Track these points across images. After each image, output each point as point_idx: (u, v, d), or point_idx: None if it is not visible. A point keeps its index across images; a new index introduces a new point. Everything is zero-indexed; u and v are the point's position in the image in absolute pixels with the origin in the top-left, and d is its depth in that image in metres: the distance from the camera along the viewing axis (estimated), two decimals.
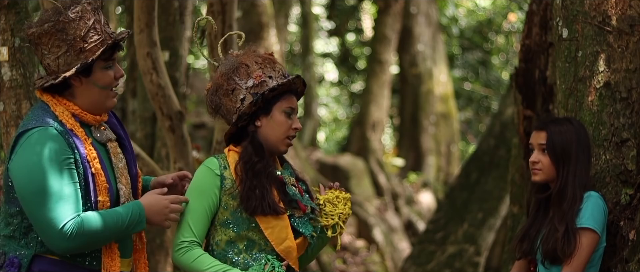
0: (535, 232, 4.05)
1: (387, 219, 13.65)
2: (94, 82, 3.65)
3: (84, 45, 3.59)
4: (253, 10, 12.27)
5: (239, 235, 3.75)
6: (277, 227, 3.75)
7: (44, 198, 3.48)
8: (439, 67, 15.80)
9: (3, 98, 4.57)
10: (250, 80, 3.77)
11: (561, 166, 3.97)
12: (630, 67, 4.16)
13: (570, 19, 4.25)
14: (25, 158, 3.53)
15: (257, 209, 3.72)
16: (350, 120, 18.87)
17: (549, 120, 4.19)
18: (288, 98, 3.82)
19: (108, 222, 3.56)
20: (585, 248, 3.90)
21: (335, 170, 13.95)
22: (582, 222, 3.91)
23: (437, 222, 9.67)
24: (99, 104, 3.69)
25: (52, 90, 3.66)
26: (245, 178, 3.74)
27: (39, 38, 3.60)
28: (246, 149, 3.78)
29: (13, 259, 3.59)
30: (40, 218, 3.49)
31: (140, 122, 7.92)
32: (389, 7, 15.34)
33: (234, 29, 5.47)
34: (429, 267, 9.14)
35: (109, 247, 3.66)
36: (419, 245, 9.76)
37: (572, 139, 3.99)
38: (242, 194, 3.73)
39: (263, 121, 3.80)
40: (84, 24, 3.59)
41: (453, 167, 15.44)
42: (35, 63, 4.62)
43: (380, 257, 12.86)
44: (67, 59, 3.59)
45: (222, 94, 3.80)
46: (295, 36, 19.03)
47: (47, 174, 3.49)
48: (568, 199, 3.94)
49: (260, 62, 3.82)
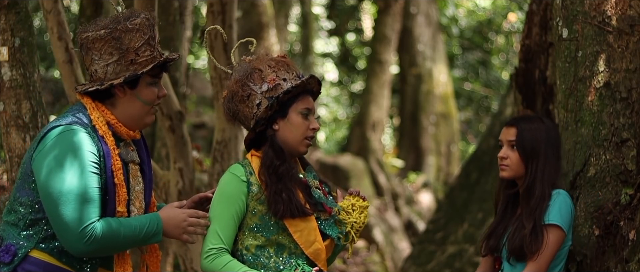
0: (502, 229, 4.08)
1: (387, 219, 13.65)
2: (138, 95, 3.68)
3: (136, 58, 3.63)
4: (253, 10, 12.27)
5: (268, 240, 3.75)
6: (306, 230, 3.76)
7: (68, 198, 3.48)
8: (439, 67, 15.80)
9: (3, 98, 4.57)
10: (264, 84, 3.77)
11: (530, 163, 3.98)
12: (630, 67, 4.16)
13: (570, 19, 4.25)
14: (54, 154, 3.54)
15: (285, 213, 3.72)
16: (350, 120, 18.87)
17: (520, 117, 4.23)
18: (304, 99, 3.81)
19: (126, 230, 3.58)
20: (551, 245, 3.92)
21: (335, 170, 13.95)
22: (549, 218, 3.94)
23: (437, 222, 9.67)
24: (138, 119, 3.71)
25: (93, 96, 3.67)
26: (270, 183, 3.74)
27: (92, 42, 3.62)
28: (267, 153, 3.77)
29: (10, 246, 3.58)
30: (61, 217, 3.49)
31: None
32: (389, 7, 15.34)
33: (234, 29, 5.47)
34: (429, 267, 9.13)
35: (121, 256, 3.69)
36: (419, 245, 9.76)
37: (542, 136, 4.00)
38: (268, 199, 3.73)
39: (280, 124, 3.79)
40: (140, 37, 3.63)
41: (453, 167, 15.44)
42: (35, 63, 4.62)
43: (380, 257, 12.87)
44: (117, 68, 3.62)
45: (238, 100, 3.80)
46: (295, 36, 19.03)
47: (73, 175, 3.50)
48: (536, 196, 3.96)
49: (273, 66, 3.81)
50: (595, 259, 4.11)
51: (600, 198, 4.13)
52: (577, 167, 4.19)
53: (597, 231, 4.11)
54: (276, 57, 3.87)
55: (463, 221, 9.19)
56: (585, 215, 4.13)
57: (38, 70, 4.65)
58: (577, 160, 4.19)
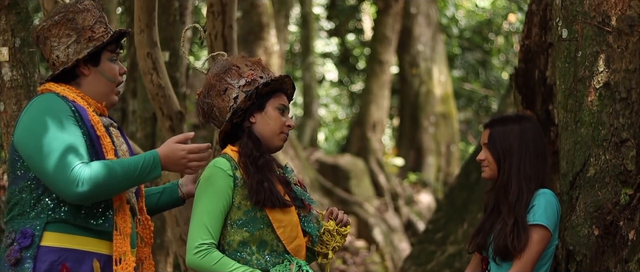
0: (489, 226, 4.13)
1: (387, 219, 13.65)
2: (102, 72, 3.75)
3: (93, 34, 3.72)
4: (253, 10, 12.27)
5: (252, 235, 3.76)
6: (289, 226, 3.79)
7: (49, 149, 3.51)
8: (439, 68, 15.80)
9: (3, 98, 4.57)
10: (242, 79, 3.83)
11: (502, 161, 4.09)
12: (630, 67, 4.16)
13: (570, 19, 4.25)
14: (26, 120, 3.61)
15: (267, 202, 3.74)
16: (350, 120, 18.87)
17: (496, 119, 4.30)
18: (280, 96, 3.88)
19: (118, 167, 3.58)
20: (536, 244, 3.97)
21: (335, 170, 13.95)
22: (534, 218, 3.99)
23: (437, 222, 9.67)
24: (103, 96, 3.77)
25: (57, 81, 3.74)
26: (252, 172, 3.76)
27: (48, 30, 3.71)
28: (246, 144, 3.81)
29: (26, 230, 3.61)
30: (48, 169, 3.52)
31: (141, 122, 7.93)
32: (389, 8, 15.34)
33: (234, 29, 5.47)
34: (429, 267, 9.13)
35: (121, 208, 3.69)
36: (419, 245, 9.76)
37: (514, 136, 4.09)
38: (251, 188, 3.75)
39: (257, 117, 3.84)
40: (92, 16, 3.74)
41: (453, 167, 15.44)
42: (36, 63, 4.63)
43: (380, 257, 12.87)
44: (77, 48, 3.70)
45: (215, 94, 3.84)
46: (295, 36, 19.03)
47: (49, 127, 3.54)
48: (513, 192, 4.03)
49: (250, 65, 3.89)
50: (594, 259, 4.11)
51: (600, 198, 4.13)
52: (576, 167, 4.19)
53: (596, 231, 4.11)
54: (252, 58, 3.96)
55: (463, 221, 9.19)
56: (585, 215, 4.14)
57: (38, 71, 4.66)
58: (576, 160, 4.20)
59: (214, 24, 5.44)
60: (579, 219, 4.15)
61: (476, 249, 4.19)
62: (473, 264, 4.25)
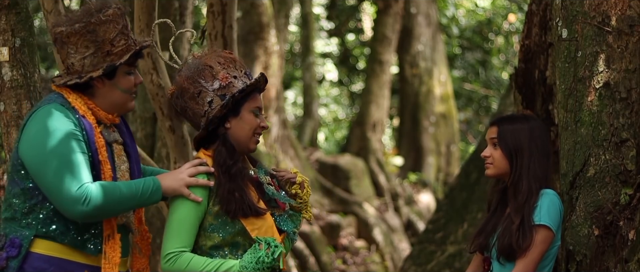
0: (492, 227, 4.12)
1: (387, 219, 13.65)
2: (116, 85, 3.72)
3: (112, 49, 3.66)
4: (253, 10, 12.27)
5: (224, 239, 3.75)
6: (263, 228, 3.77)
7: (55, 164, 3.51)
8: (439, 67, 15.81)
9: (3, 98, 4.57)
10: (216, 82, 3.79)
11: (514, 160, 4.06)
12: (630, 67, 4.16)
13: (570, 19, 4.25)
14: (34, 130, 3.58)
15: (237, 212, 3.72)
16: (350, 120, 18.87)
17: (503, 116, 4.30)
18: (254, 97, 3.85)
19: (122, 189, 3.58)
20: (539, 244, 3.96)
21: (335, 170, 13.95)
22: (537, 219, 3.98)
23: (437, 222, 9.67)
24: (119, 106, 3.76)
25: (71, 88, 3.72)
26: (223, 182, 3.73)
27: (67, 37, 3.66)
28: (220, 152, 3.78)
29: (14, 239, 3.61)
30: (53, 184, 3.51)
31: (141, 122, 7.93)
32: (389, 7, 15.35)
33: (234, 29, 5.47)
34: (429, 267, 9.13)
35: (111, 237, 3.68)
36: (419, 245, 9.76)
37: (524, 133, 4.07)
38: (221, 198, 3.72)
39: (232, 122, 3.81)
40: (114, 27, 3.67)
41: (453, 167, 15.45)
42: (36, 63, 4.63)
43: (380, 257, 12.87)
44: (94, 60, 3.66)
45: (188, 97, 3.82)
46: (295, 36, 19.03)
47: (56, 142, 3.53)
48: (523, 192, 4.01)
49: (222, 63, 3.84)
50: (594, 259, 4.11)
51: (600, 198, 4.13)
52: (576, 167, 4.19)
53: (596, 231, 4.11)
54: (223, 53, 3.90)
55: (463, 221, 9.19)
56: (585, 215, 4.14)
57: (38, 71, 4.66)
58: (576, 160, 4.20)
59: (214, 24, 5.43)
60: (579, 219, 4.15)
61: (478, 249, 4.18)
62: (474, 265, 4.24)
